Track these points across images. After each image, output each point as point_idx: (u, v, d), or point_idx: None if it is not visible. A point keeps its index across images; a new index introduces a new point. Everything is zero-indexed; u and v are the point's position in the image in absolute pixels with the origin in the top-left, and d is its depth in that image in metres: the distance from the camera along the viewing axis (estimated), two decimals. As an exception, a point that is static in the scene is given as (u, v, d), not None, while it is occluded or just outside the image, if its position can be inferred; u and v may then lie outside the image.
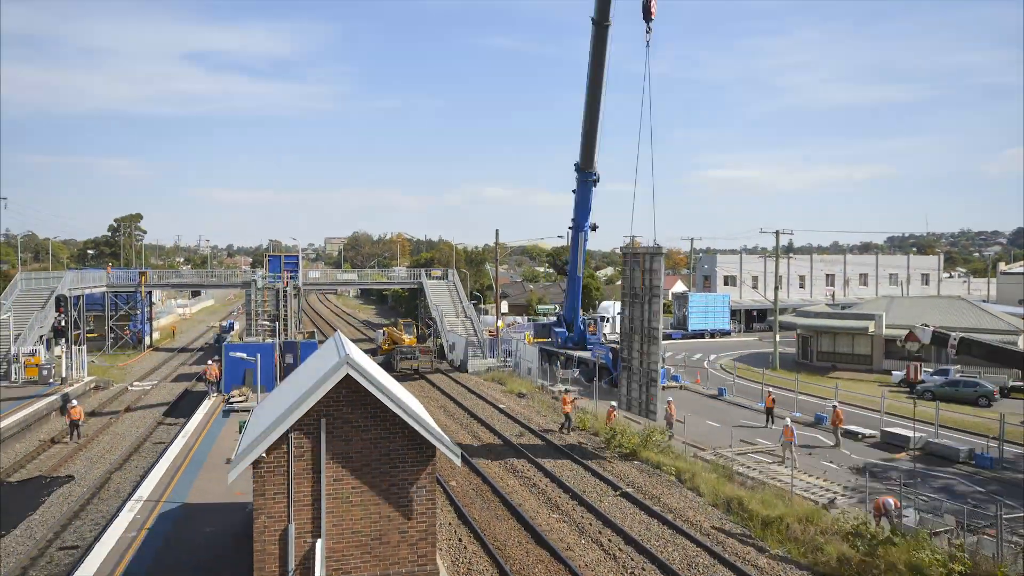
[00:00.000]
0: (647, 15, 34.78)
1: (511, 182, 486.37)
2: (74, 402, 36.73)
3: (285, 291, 53.27)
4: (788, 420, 30.01)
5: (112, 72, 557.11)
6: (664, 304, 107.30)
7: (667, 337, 78.93)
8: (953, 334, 28.99)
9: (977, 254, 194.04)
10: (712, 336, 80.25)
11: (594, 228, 49.63)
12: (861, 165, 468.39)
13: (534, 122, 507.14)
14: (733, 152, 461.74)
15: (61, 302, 48.29)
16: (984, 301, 71.31)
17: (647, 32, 34.84)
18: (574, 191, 48.44)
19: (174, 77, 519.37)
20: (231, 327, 72.98)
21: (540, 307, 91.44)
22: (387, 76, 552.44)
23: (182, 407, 42.76)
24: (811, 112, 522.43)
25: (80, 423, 35.08)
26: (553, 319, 64.80)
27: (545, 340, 57.92)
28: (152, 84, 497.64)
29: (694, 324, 79.84)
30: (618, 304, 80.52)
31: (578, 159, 46.76)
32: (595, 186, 47.56)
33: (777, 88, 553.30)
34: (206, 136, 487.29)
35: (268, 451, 14.28)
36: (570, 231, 50.89)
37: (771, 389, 40.06)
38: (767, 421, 36.48)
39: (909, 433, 32.31)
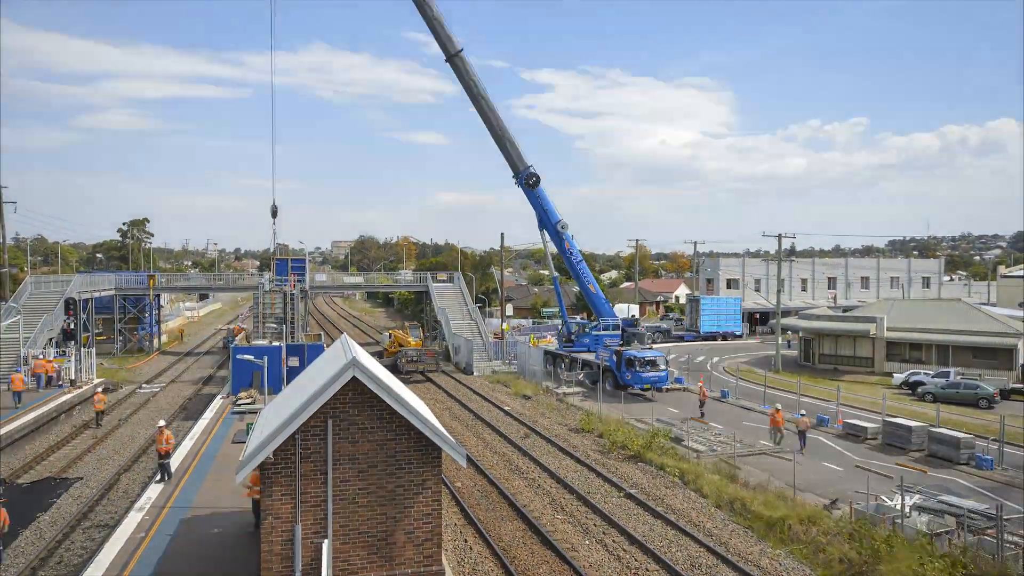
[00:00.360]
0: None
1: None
2: (100, 389, 40.20)
3: (292, 294, 53.63)
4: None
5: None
6: (672, 307, 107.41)
7: (679, 339, 79.40)
8: None
9: (978, 258, 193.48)
10: (724, 339, 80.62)
11: (565, 227, 49.81)
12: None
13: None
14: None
15: (70, 305, 48.75)
16: (984, 304, 71.34)
17: None
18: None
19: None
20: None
21: (545, 310, 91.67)
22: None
23: (191, 409, 43.10)
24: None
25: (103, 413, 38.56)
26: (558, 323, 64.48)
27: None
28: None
29: (706, 327, 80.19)
30: (622, 307, 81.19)
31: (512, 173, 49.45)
32: (539, 183, 49.19)
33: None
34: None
35: (275, 452, 14.45)
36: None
37: (779, 405, 35.04)
38: (774, 438, 32.19)
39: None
